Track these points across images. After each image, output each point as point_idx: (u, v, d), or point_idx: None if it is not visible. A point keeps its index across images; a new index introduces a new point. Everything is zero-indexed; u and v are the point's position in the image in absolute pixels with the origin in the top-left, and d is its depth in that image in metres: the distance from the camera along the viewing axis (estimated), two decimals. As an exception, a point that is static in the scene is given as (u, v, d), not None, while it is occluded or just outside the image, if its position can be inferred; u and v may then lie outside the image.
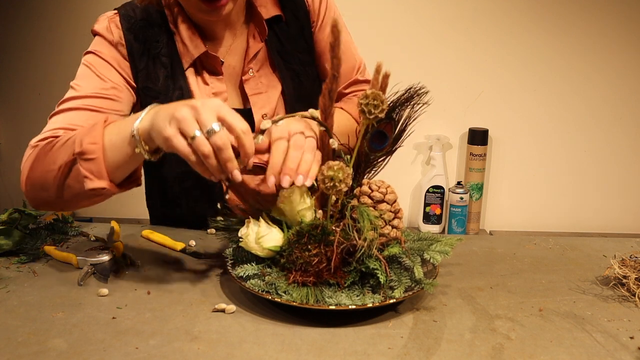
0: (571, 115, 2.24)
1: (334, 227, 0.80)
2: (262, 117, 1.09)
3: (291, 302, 0.76)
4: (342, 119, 1.08)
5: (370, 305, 0.75)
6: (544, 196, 2.31)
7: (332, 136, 0.84)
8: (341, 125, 1.01)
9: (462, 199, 2.22)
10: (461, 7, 2.16)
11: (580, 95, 2.22)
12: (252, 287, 0.80)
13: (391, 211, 0.82)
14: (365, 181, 0.84)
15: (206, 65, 1.08)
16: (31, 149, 0.95)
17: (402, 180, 2.32)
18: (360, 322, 0.77)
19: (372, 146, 0.87)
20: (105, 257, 0.93)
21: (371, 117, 0.78)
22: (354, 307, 0.75)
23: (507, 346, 0.72)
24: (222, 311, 0.80)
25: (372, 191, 0.82)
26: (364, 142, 0.85)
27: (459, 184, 2.27)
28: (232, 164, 0.76)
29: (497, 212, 2.34)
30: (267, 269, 0.83)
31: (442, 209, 2.28)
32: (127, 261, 0.96)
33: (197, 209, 1.12)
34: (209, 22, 1.05)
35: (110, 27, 1.04)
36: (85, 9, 2.25)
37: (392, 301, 0.77)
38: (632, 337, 0.74)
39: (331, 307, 0.75)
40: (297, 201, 0.82)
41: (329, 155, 0.86)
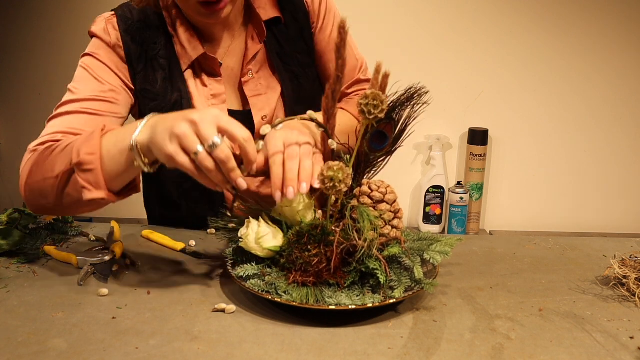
0: (571, 115, 2.24)
1: (333, 228, 0.80)
2: (262, 118, 1.09)
3: (291, 302, 0.76)
4: (343, 119, 1.07)
5: (370, 305, 0.75)
6: (544, 196, 2.31)
7: (331, 137, 0.84)
8: (342, 124, 1.01)
9: (462, 199, 2.22)
10: (461, 7, 2.16)
11: (580, 95, 2.22)
12: (252, 287, 0.80)
13: (391, 211, 0.82)
14: (365, 181, 0.84)
15: (204, 67, 1.07)
16: (30, 154, 0.94)
17: (402, 180, 2.32)
18: (360, 322, 0.77)
19: (372, 146, 0.87)
20: (105, 257, 0.93)
21: (371, 117, 0.78)
22: (354, 307, 0.75)
23: (507, 346, 0.72)
24: (222, 311, 0.80)
25: (372, 191, 0.82)
26: (364, 142, 0.85)
27: (459, 184, 2.27)
28: (235, 173, 0.76)
29: (497, 212, 2.34)
30: (267, 269, 0.83)
31: (442, 209, 2.28)
32: (127, 261, 0.96)
33: (197, 210, 1.11)
34: (208, 24, 1.05)
35: (107, 28, 1.03)
36: (85, 9, 2.25)
37: (392, 301, 0.77)
38: (632, 337, 0.74)
39: (331, 307, 0.75)
40: (297, 201, 0.82)
41: (328, 155, 0.86)
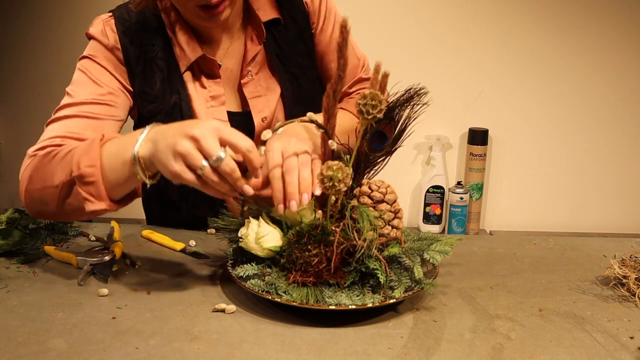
0: (571, 115, 2.24)
1: (333, 228, 0.80)
2: (262, 120, 1.08)
3: (291, 302, 0.76)
4: (344, 119, 1.07)
5: (370, 305, 0.75)
6: (544, 196, 2.30)
7: (331, 137, 0.84)
8: (342, 124, 1.00)
9: (462, 199, 2.22)
10: (461, 7, 2.16)
11: (580, 95, 2.22)
12: (252, 287, 0.80)
13: (391, 211, 0.82)
14: (365, 181, 0.84)
15: (203, 68, 1.07)
16: (29, 159, 0.94)
17: (402, 180, 2.32)
18: (360, 322, 0.77)
19: (372, 146, 0.87)
20: (105, 257, 0.93)
21: (369, 117, 0.78)
22: (354, 307, 0.75)
23: (507, 346, 0.72)
24: (222, 311, 0.80)
25: (372, 191, 0.82)
26: (364, 142, 0.85)
27: (459, 184, 2.27)
28: (241, 182, 0.77)
29: (497, 212, 2.34)
30: (267, 269, 0.83)
31: (442, 209, 2.28)
32: (127, 261, 0.96)
33: (197, 212, 1.10)
34: (207, 27, 1.05)
35: (105, 30, 1.03)
36: (85, 9, 2.25)
37: (392, 301, 0.77)
38: (632, 337, 0.74)
39: (331, 307, 0.75)
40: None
41: (329, 156, 0.86)
